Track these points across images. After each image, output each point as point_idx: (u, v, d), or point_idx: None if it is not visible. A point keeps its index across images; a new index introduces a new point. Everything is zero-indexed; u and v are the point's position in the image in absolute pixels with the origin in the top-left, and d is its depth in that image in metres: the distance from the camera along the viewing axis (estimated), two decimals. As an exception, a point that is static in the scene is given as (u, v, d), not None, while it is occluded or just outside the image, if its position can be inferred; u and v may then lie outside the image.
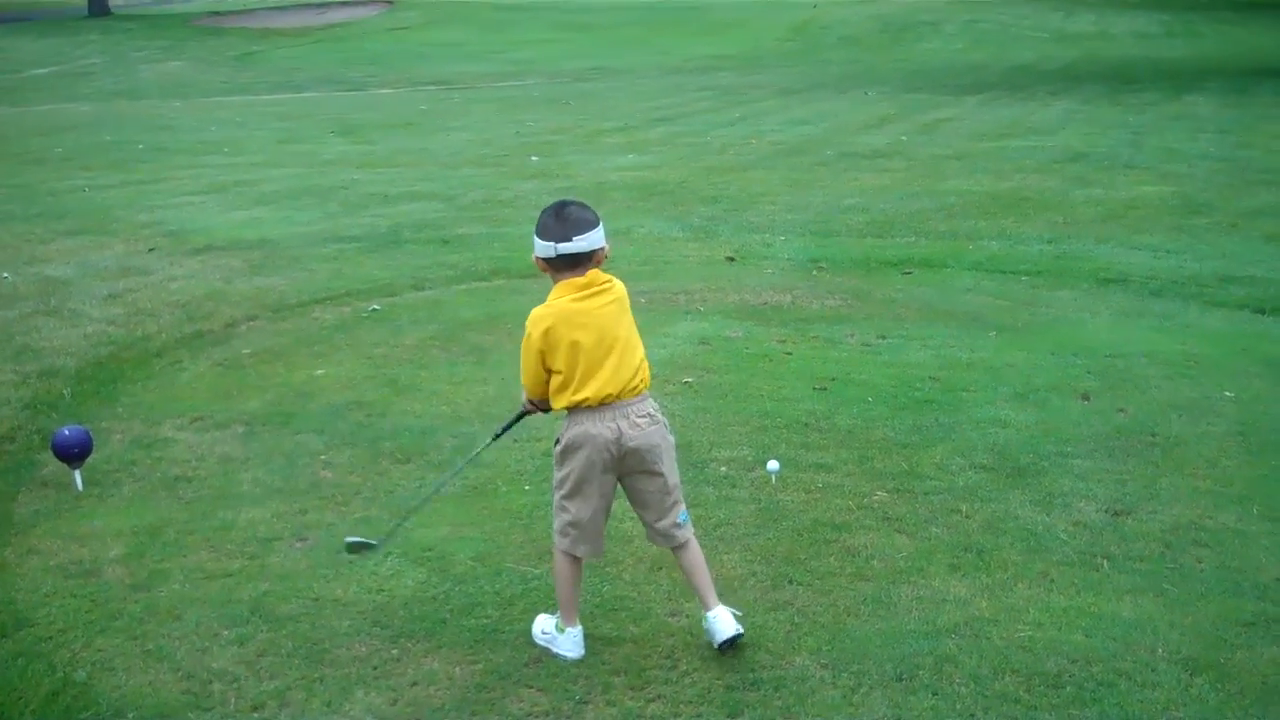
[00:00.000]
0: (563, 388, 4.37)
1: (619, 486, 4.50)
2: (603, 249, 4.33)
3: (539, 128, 22.10)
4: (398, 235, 12.33)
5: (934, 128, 20.93)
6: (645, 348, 4.48)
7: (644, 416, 4.36)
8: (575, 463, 4.39)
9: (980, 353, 8.18)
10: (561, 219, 4.30)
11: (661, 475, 4.42)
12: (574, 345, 4.30)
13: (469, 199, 14.45)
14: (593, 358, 4.30)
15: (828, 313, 9.27)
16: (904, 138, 19.58)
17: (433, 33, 49.54)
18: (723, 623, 4.46)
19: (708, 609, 4.51)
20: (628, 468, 4.39)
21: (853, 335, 8.61)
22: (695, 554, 4.55)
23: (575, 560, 4.54)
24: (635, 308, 4.55)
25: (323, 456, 6.54)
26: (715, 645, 4.48)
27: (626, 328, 4.36)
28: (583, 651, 4.54)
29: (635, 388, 4.34)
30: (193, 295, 9.94)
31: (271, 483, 6.21)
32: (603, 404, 4.31)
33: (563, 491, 4.46)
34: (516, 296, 9.72)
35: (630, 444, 4.32)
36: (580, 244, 4.26)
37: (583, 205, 4.38)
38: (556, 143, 19.88)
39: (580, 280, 4.31)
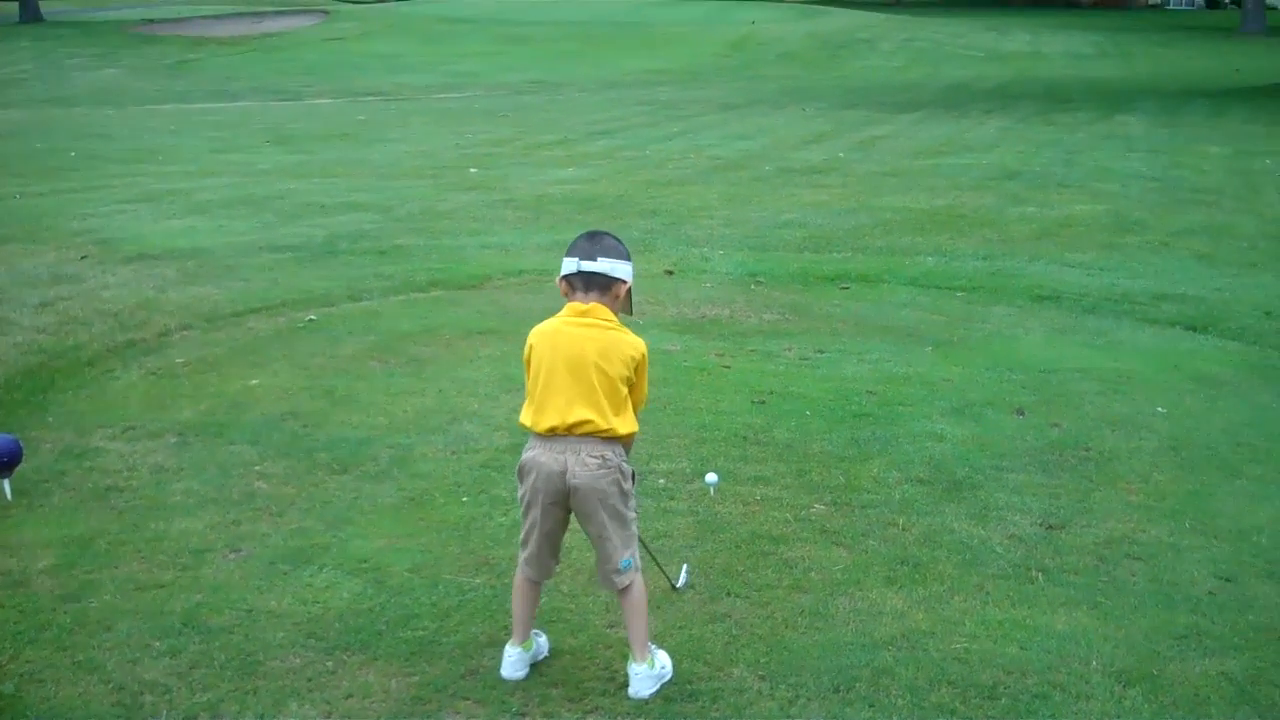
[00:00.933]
0: (526, 405, 4.34)
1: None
2: (624, 282, 4.29)
3: (478, 140, 22.04)
4: (334, 246, 12.24)
5: (871, 144, 21.08)
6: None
7: (596, 458, 4.22)
8: (524, 486, 4.34)
9: (917, 367, 8.24)
10: (593, 240, 4.29)
11: (600, 521, 4.29)
12: (539, 365, 4.26)
13: (406, 210, 14.37)
14: (550, 385, 4.22)
15: (766, 327, 9.30)
16: (841, 154, 19.70)
17: (370, 44, 49.30)
18: (636, 683, 4.36)
19: (631, 660, 4.41)
20: (575, 505, 4.29)
21: (790, 349, 8.65)
22: (633, 601, 4.40)
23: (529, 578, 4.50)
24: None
25: (257, 467, 6.47)
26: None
27: (606, 375, 4.20)
28: (516, 674, 4.46)
29: (590, 431, 4.20)
30: (125, 304, 9.81)
31: (204, 493, 6.14)
32: (550, 434, 4.24)
33: (521, 508, 4.42)
34: (454, 308, 9.70)
35: (573, 480, 4.21)
36: (603, 265, 4.23)
37: (619, 240, 4.35)
38: (495, 155, 19.83)
39: (581, 307, 4.25)
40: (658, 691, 4.36)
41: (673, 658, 4.51)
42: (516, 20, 55.34)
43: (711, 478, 5.94)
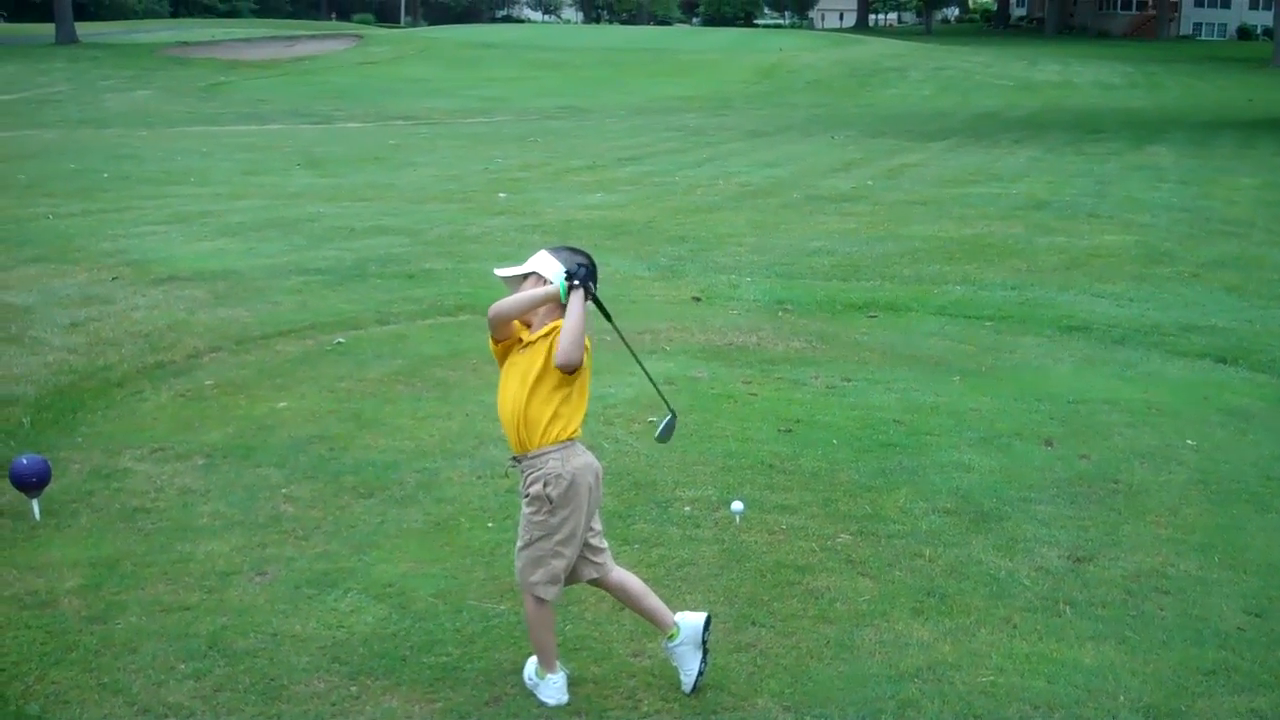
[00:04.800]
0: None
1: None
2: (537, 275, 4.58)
3: (507, 164, 22.13)
4: (363, 269, 12.29)
5: (899, 173, 21.07)
6: (611, 386, 4.47)
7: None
8: (577, 498, 4.41)
9: (944, 397, 8.20)
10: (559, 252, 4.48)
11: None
12: None
13: (435, 234, 14.43)
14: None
15: (793, 354, 9.28)
16: (870, 182, 19.69)
17: (402, 68, 49.62)
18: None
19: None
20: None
21: (817, 377, 8.62)
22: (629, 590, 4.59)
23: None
24: (600, 346, 4.56)
25: (283, 490, 6.49)
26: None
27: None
28: (564, 699, 4.47)
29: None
30: (155, 325, 9.87)
31: (231, 516, 6.15)
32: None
33: (566, 530, 4.42)
34: (481, 333, 9.60)
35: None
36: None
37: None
38: (524, 180, 19.90)
39: None
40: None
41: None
42: (546, 46, 55.62)
43: (737, 506, 5.93)
